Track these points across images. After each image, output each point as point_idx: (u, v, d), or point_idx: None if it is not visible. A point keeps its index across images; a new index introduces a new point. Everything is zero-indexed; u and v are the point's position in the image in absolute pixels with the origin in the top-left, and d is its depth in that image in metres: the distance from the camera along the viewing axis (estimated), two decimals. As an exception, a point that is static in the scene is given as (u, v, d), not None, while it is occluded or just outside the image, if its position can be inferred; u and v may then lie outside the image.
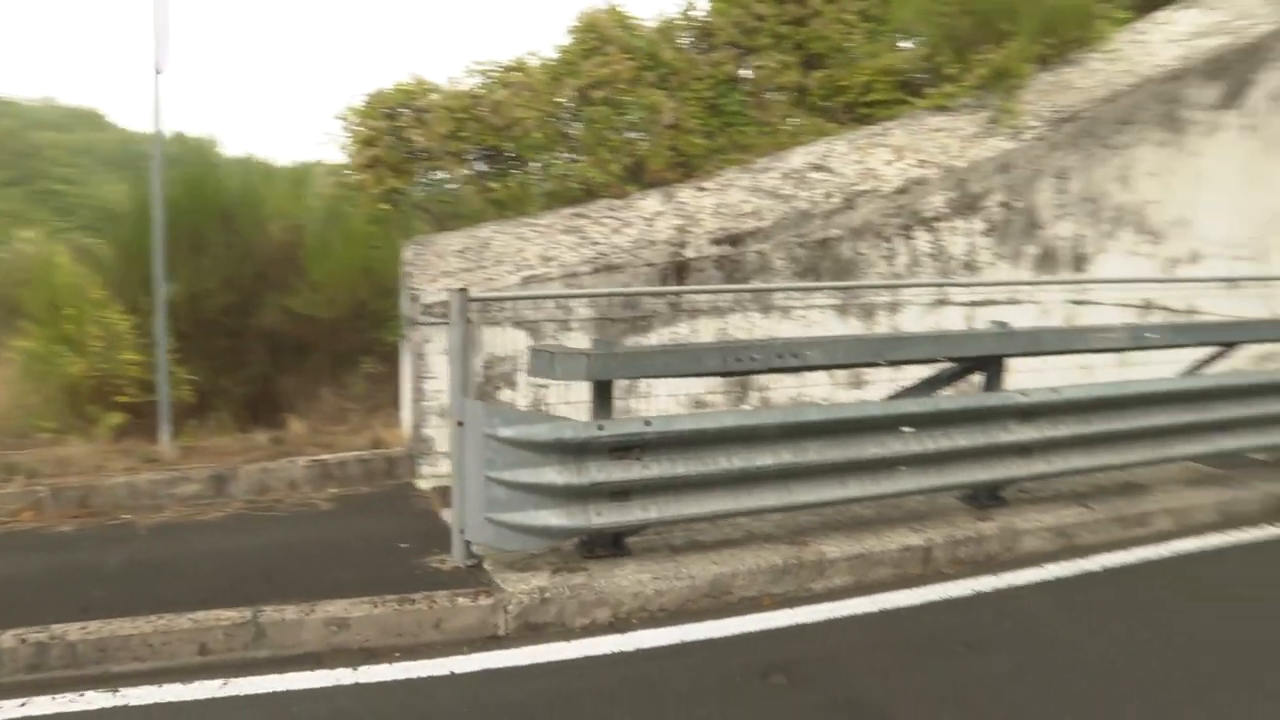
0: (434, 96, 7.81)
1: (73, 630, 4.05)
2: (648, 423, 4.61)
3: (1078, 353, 6.09)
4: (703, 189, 7.40)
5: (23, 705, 3.72)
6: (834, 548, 5.15)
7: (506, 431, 4.47)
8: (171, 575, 4.68)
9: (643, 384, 6.67)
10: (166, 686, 3.90)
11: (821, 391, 7.17)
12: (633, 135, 7.78)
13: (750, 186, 7.41)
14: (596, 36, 8.15)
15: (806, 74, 8.65)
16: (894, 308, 7.55)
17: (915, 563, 5.26)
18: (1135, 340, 5.98)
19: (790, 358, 4.98)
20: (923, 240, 7.55)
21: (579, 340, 6.41)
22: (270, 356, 7.41)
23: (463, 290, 4.60)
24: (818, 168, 7.55)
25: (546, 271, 6.41)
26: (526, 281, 6.35)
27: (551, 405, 6.03)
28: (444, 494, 5.93)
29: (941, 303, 7.72)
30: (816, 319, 7.29)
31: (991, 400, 5.42)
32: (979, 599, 4.96)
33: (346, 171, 7.85)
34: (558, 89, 7.89)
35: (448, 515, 5.45)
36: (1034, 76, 8.12)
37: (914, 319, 7.60)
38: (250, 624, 4.16)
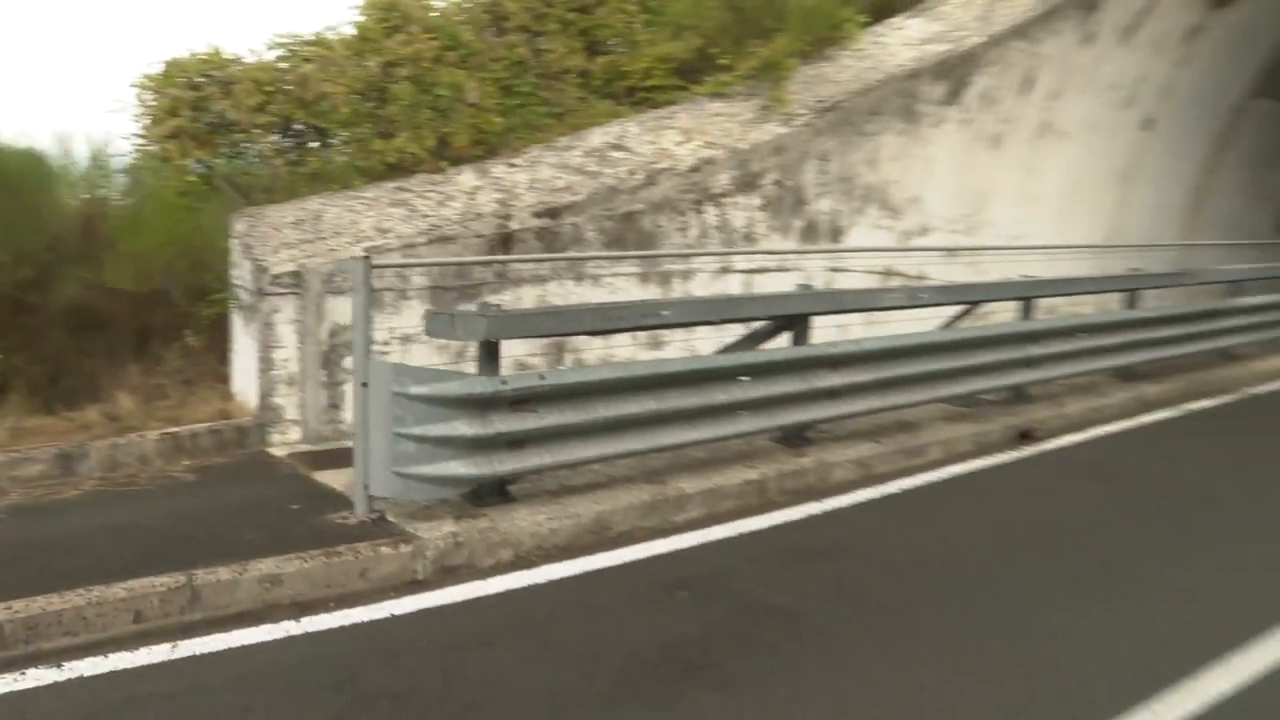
0: (237, 69, 7.72)
1: (-3, 612, 3.98)
2: (542, 377, 5.07)
3: (869, 310, 7.07)
4: (514, 165, 7.83)
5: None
6: (688, 485, 5.83)
7: (419, 389, 4.79)
8: (67, 552, 4.63)
9: (472, 348, 7.06)
10: (113, 656, 3.94)
11: (626, 352, 7.81)
12: (433, 113, 8.04)
13: (558, 164, 7.92)
14: (399, 15, 8.33)
15: (591, 59, 9.23)
16: (686, 275, 8.31)
17: (754, 494, 6.04)
18: (912, 300, 7.06)
19: (653, 317, 5.58)
20: (711, 214, 8.36)
21: (416, 307, 6.70)
22: (70, 333, 7.12)
23: (366, 258, 4.86)
24: (616, 147, 8.17)
25: (385, 243, 6.65)
26: (369, 252, 6.55)
27: (384, 355, 6.33)
28: (312, 458, 6.10)
29: (725, 270, 8.57)
30: (622, 286, 7.93)
31: (811, 351, 6.28)
32: (813, 519, 5.80)
33: (143, 141, 7.61)
34: (361, 65, 8.02)
35: (322, 477, 5.68)
36: (797, 70, 9.12)
37: (702, 285, 8.40)
38: (185, 588, 4.27)
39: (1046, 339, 8.21)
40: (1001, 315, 9.09)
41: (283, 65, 7.84)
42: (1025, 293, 8.11)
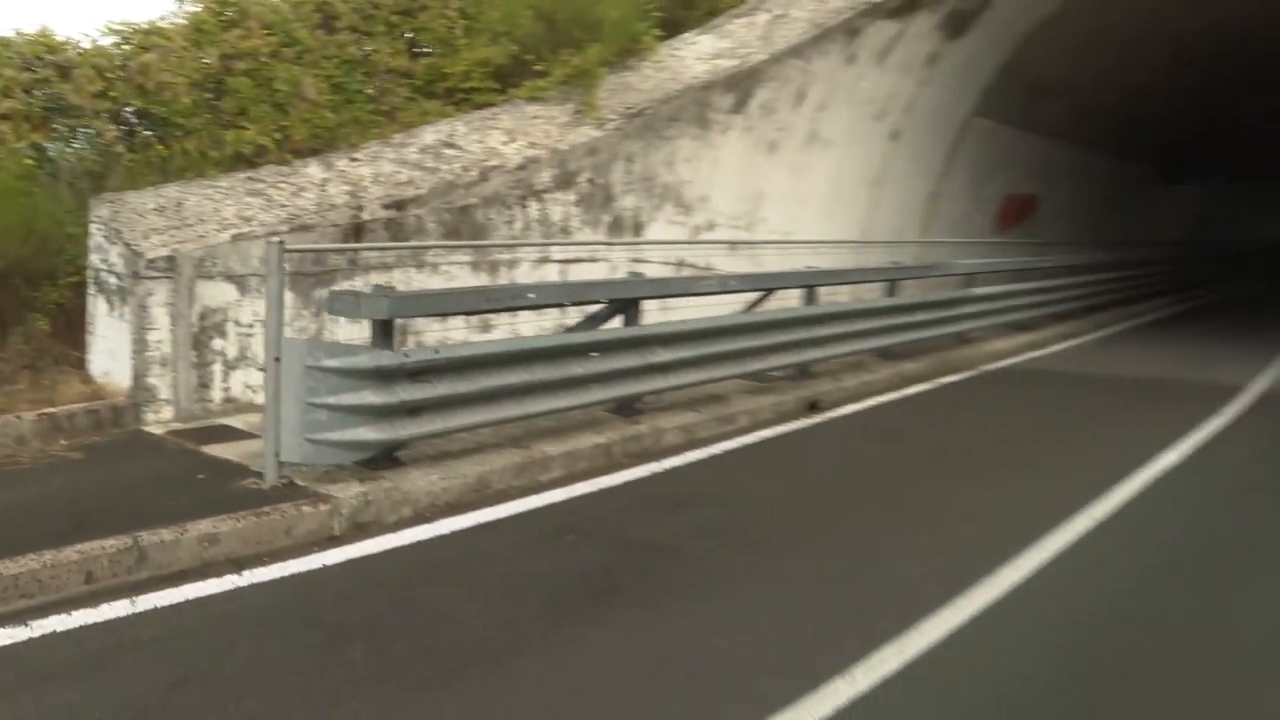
0: (75, 53, 7.78)
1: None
2: (437, 351, 5.74)
3: (689, 295, 8.07)
4: (355, 160, 8.31)
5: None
6: (550, 448, 6.63)
7: (331, 363, 5.35)
8: None
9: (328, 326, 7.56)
10: (76, 614, 4.31)
11: (459, 334, 8.50)
12: (272, 108, 8.38)
13: (397, 159, 8.46)
14: (236, 9, 8.57)
15: (414, 60, 9.76)
16: (512, 264, 9.06)
17: (602, 456, 6.91)
18: (723, 287, 8.13)
19: (521, 299, 6.33)
20: (534, 209, 9.14)
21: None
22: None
23: (281, 243, 5.34)
24: (448, 145, 8.80)
25: (251, 230, 7.03)
26: (237, 239, 6.93)
27: (248, 336, 6.78)
28: (193, 434, 6.46)
29: (544, 260, 9.37)
30: (457, 273, 8.58)
31: (647, 331, 7.20)
32: (658, 475, 6.74)
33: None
34: (199, 57, 8.24)
35: (211, 450, 6.11)
36: (605, 78, 10.01)
37: (525, 273, 9.16)
38: (133, 548, 4.68)
39: (828, 322, 9.52)
40: (782, 302, 10.34)
41: (121, 52, 7.93)
42: (811, 281, 9.38)
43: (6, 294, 7.23)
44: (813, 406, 9.07)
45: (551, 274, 9.39)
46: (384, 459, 5.88)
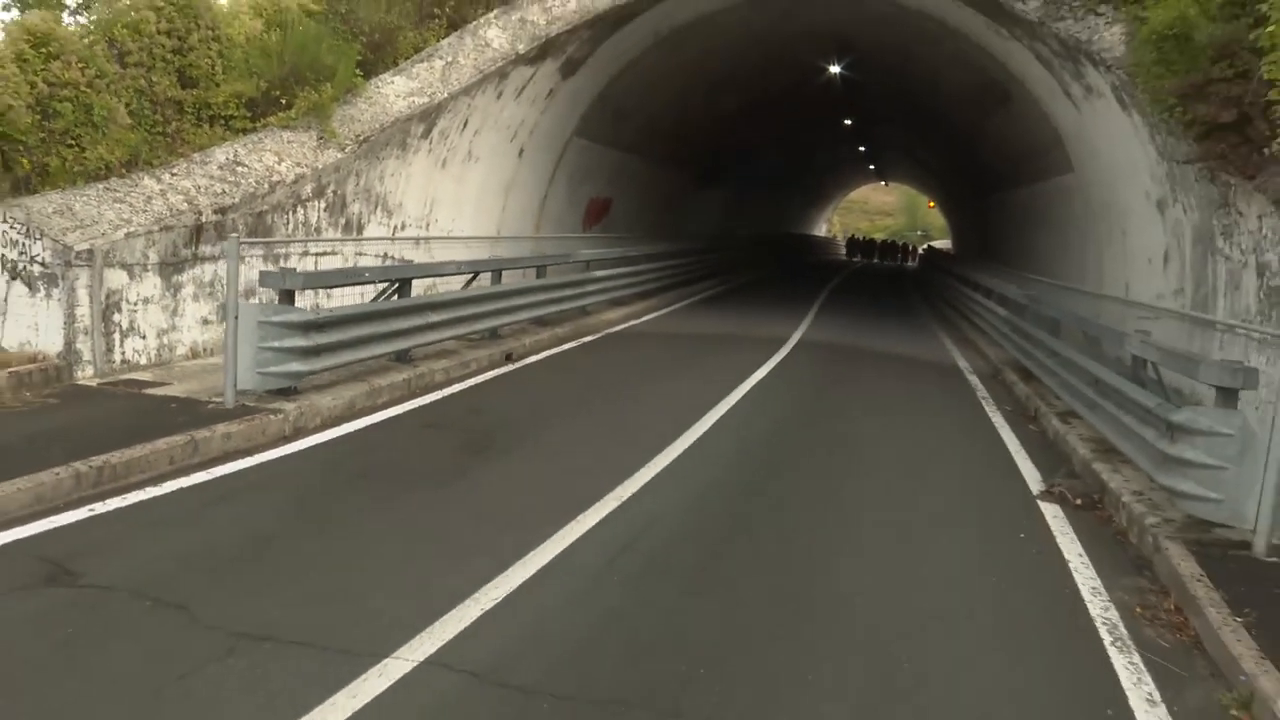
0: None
1: None
2: (332, 311, 8.87)
3: (442, 276, 11.48)
4: (175, 174, 10.79)
5: None
6: (381, 381, 9.89)
7: (277, 318, 8.35)
8: (53, 442, 7.41)
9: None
10: (176, 481, 7.17)
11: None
12: (92, 130, 10.58)
13: (205, 175, 11.03)
14: (58, 45, 10.56)
15: (185, 91, 12.14)
16: (285, 257, 11.90)
17: (404, 388, 10.26)
18: (461, 270, 11.66)
19: (359, 278, 9.55)
20: (300, 214, 12.03)
21: (153, 278, 9.67)
22: None
23: (236, 236, 8.23)
24: (238, 164, 11.47)
25: (134, 229, 9.51)
26: (129, 236, 9.40)
27: (135, 312, 9.39)
28: (125, 384, 8.97)
29: (305, 254, 12.28)
30: (257, 264, 11.32)
31: (438, 298, 10.63)
32: (449, 398, 10.26)
33: None
34: (31, 83, 10.24)
35: (156, 391, 8.75)
36: (335, 111, 12.98)
37: (295, 263, 12.03)
38: (190, 442, 7.48)
39: (513, 296, 13.32)
40: (478, 283, 13.95)
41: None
42: (501, 267, 13.18)
43: None
44: (508, 357, 12.82)
45: (309, 264, 12.28)
46: (291, 389, 8.87)
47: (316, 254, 12.38)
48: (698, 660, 4.72)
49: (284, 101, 12.64)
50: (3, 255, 9.08)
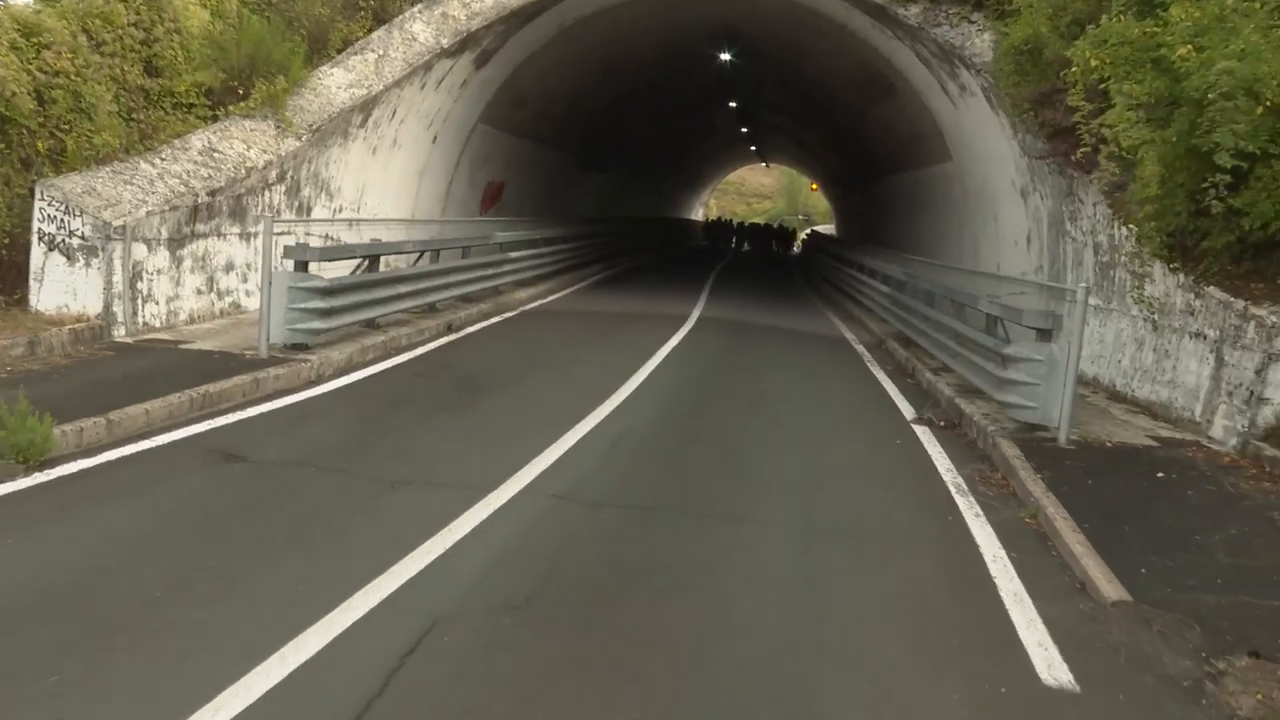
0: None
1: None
2: (341, 278, 12.02)
3: (398, 254, 14.64)
4: (163, 159, 13.66)
5: None
6: (366, 341, 13.05)
7: (304, 284, 11.47)
8: (138, 383, 10.40)
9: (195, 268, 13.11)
10: (258, 407, 10.28)
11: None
12: (83, 116, 13.36)
13: (188, 160, 13.92)
14: (51, 37, 13.26)
15: (150, 80, 14.95)
16: (256, 235, 14.86)
17: (382, 349, 13.43)
18: (417, 250, 14.85)
19: (355, 254, 12.70)
20: (266, 197, 15.01)
21: (163, 251, 12.60)
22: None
23: (269, 216, 11.28)
24: (213, 150, 14.38)
25: (150, 209, 12.42)
26: (149, 214, 12.31)
27: (152, 281, 12.35)
28: (159, 342, 11.91)
29: (282, 233, 15.24)
30: (235, 240, 14.28)
31: (400, 273, 13.81)
32: (432, 352, 13.45)
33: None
34: (27, 71, 12.95)
35: (191, 346, 11.76)
36: (288, 102, 15.94)
37: (262, 240, 14.99)
38: (254, 380, 10.56)
39: (448, 274, 16.53)
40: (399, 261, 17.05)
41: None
42: (444, 246, 16.38)
43: None
44: (449, 327, 16.04)
45: (278, 242, 15.22)
46: (306, 345, 11.96)
47: (278, 233, 15.32)
48: (687, 489, 8.21)
49: (240, 91, 15.56)
50: (40, 229, 11.85)
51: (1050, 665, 5.58)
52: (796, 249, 61.21)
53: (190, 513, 6.95)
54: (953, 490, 9.00)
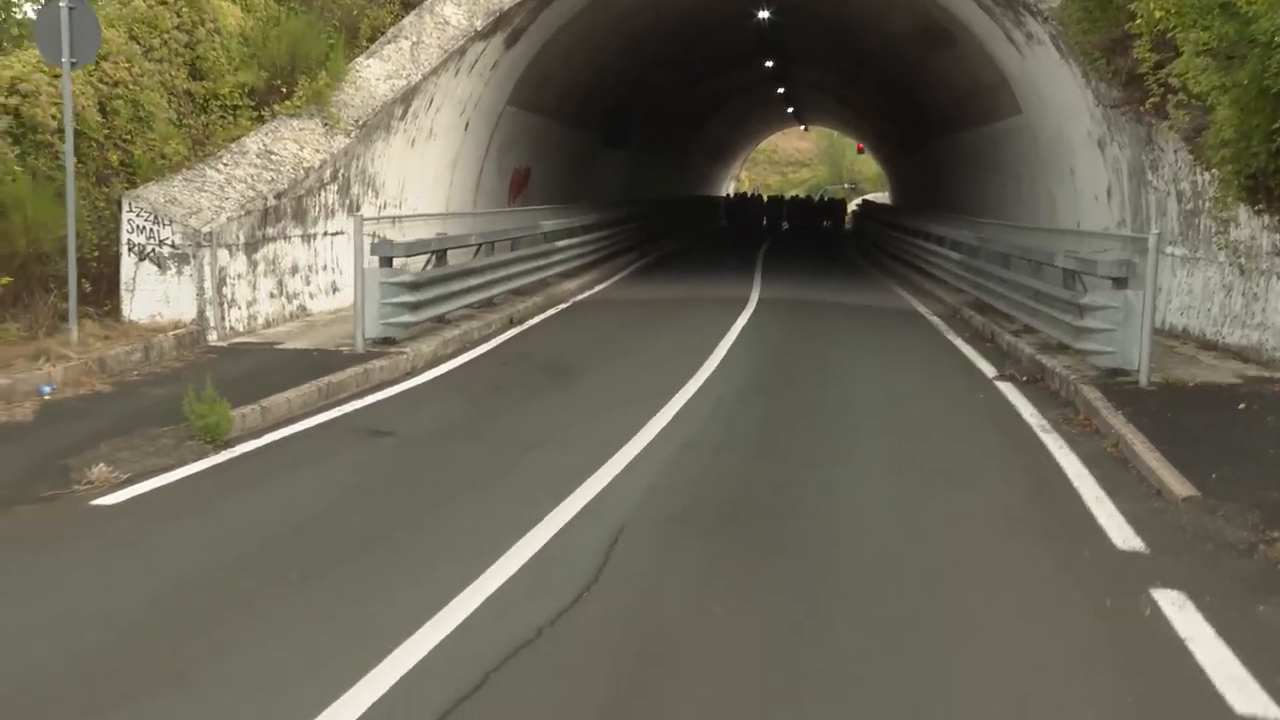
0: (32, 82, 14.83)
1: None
2: (423, 271, 14.71)
3: (465, 246, 17.34)
4: (225, 164, 16.34)
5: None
6: (449, 333, 15.73)
7: (392, 279, 14.16)
8: (265, 375, 13.07)
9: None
10: (373, 395, 12.95)
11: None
12: (141, 124, 16.05)
13: (248, 164, 16.60)
14: (108, 47, 15.92)
15: (194, 82, 17.64)
16: (318, 236, 17.53)
17: (459, 343, 16.11)
18: (474, 243, 17.55)
19: (424, 248, 15.39)
20: (321, 196, 17.69)
21: (241, 256, 15.27)
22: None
23: (359, 217, 13.95)
24: (270, 152, 17.05)
25: (229, 215, 15.09)
26: (229, 221, 14.99)
27: (234, 286, 15.03)
28: (249, 344, 14.60)
29: (324, 234, 17.94)
30: (296, 241, 16.95)
31: (465, 267, 16.52)
32: (503, 344, 16.14)
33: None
34: (90, 83, 15.60)
35: (285, 345, 14.45)
36: (332, 98, 18.61)
37: (327, 241, 17.67)
38: (364, 372, 13.21)
39: (504, 266, 19.23)
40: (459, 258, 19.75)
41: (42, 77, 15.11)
42: (498, 239, 19.06)
43: (44, 268, 14.45)
44: (511, 320, 18.71)
45: (329, 242, 17.92)
46: (392, 340, 14.61)
47: (333, 232, 18.04)
48: (788, 440, 10.88)
49: (283, 90, 18.26)
50: (130, 240, 14.52)
51: (1125, 539, 8.08)
52: (847, 225, 59.23)
53: (369, 474, 9.59)
54: (1037, 430, 11.54)
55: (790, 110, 63.37)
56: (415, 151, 21.01)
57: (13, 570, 7.14)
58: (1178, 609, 6.69)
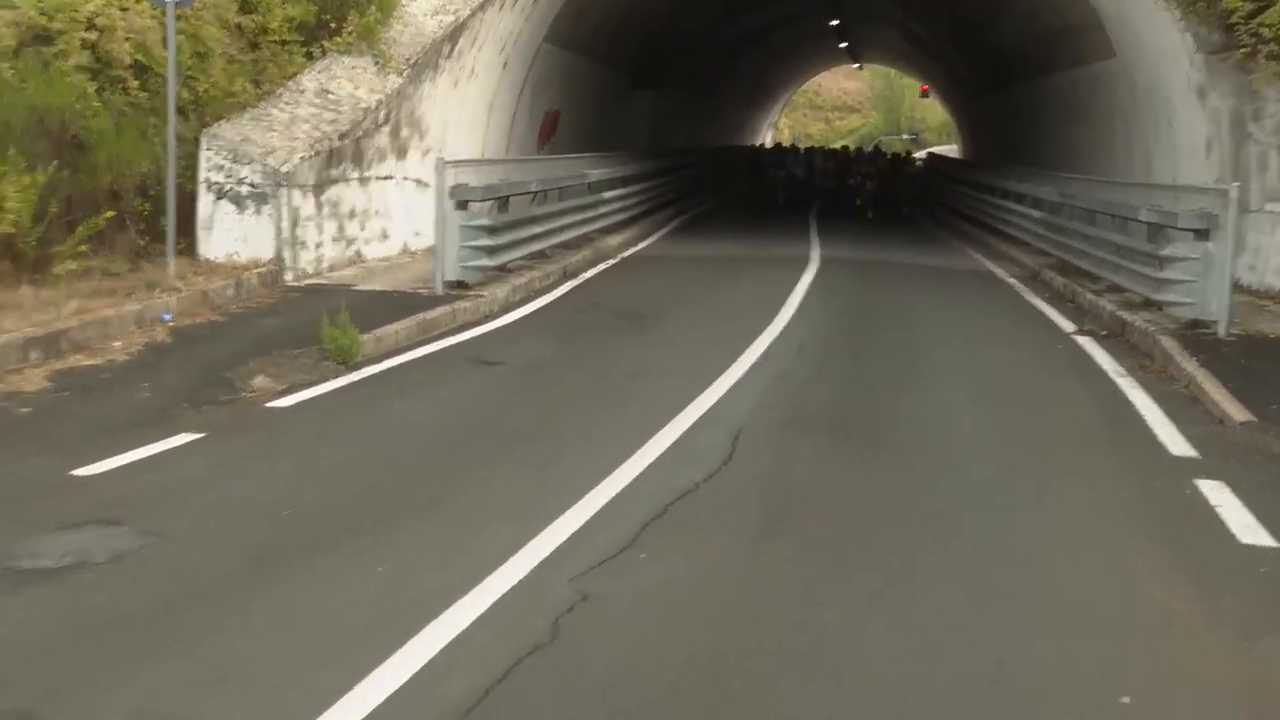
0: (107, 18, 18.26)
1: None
2: (498, 216, 18.28)
3: (525, 193, 20.90)
4: (288, 104, 19.81)
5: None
6: (526, 276, 19.30)
7: (471, 222, 17.70)
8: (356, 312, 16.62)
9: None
10: (472, 331, 16.50)
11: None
12: (201, 60, 19.49)
13: (308, 104, 20.03)
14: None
15: (244, 16, 21.07)
16: (372, 179, 21.00)
17: (527, 290, 19.68)
18: (537, 187, 21.11)
19: (503, 192, 18.98)
20: (378, 138, 21.14)
21: (310, 197, 18.77)
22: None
23: (441, 159, 17.45)
24: (326, 91, 20.50)
25: (301, 155, 18.57)
26: (302, 160, 18.48)
27: (305, 227, 18.55)
28: (326, 284, 18.15)
29: (377, 178, 21.43)
30: (356, 186, 20.43)
31: (528, 215, 20.10)
32: (572, 290, 19.69)
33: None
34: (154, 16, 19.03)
35: (360, 288, 18.01)
36: (382, 34, 22.04)
37: (379, 185, 21.12)
38: (451, 311, 16.74)
39: (559, 216, 22.77)
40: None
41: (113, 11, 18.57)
42: (551, 187, 22.59)
43: (119, 204, 17.93)
44: (565, 273, 22.21)
45: (387, 186, 21.39)
46: (465, 285, 18.15)
47: (382, 176, 21.52)
48: (872, 375, 14.54)
49: (332, 25, 21.73)
50: (208, 179, 17.97)
51: (1180, 448, 11.44)
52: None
53: (497, 391, 13.12)
54: (1112, 375, 14.96)
55: (843, 45, 66.53)
56: (457, 93, 24.39)
57: (248, 441, 10.67)
58: (1214, 490, 10.03)
